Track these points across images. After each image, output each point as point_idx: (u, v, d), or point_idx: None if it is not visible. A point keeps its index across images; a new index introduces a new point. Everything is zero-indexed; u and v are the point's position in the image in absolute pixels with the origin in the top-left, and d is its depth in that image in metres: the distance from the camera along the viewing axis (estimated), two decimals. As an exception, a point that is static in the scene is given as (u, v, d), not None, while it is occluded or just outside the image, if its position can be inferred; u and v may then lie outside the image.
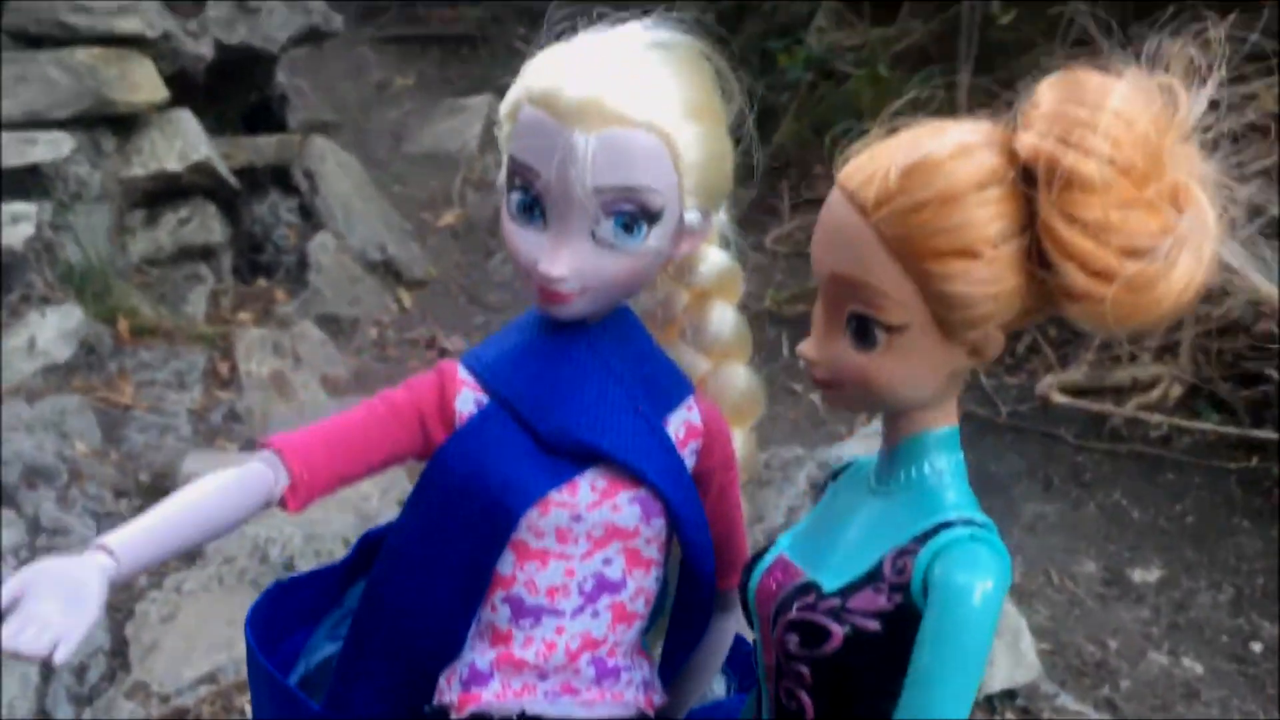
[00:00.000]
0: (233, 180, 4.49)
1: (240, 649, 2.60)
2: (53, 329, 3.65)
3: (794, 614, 1.06)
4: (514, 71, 1.18)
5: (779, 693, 1.09)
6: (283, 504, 1.13)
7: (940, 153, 0.98)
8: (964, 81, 4.45)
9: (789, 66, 5.53)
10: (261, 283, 4.62)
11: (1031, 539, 3.45)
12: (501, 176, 1.16)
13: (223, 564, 2.81)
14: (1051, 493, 3.65)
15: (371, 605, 1.22)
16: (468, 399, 1.19)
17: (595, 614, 1.19)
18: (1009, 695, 2.69)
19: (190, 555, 2.88)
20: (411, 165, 5.64)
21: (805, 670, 1.06)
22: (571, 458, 1.16)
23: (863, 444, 3.11)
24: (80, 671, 2.61)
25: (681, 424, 1.21)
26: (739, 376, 1.29)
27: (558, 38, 1.17)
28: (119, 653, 2.64)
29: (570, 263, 1.11)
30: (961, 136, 1.00)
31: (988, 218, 0.97)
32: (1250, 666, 3.06)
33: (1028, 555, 3.37)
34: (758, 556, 1.15)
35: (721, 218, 1.28)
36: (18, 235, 3.60)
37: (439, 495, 1.18)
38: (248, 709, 2.58)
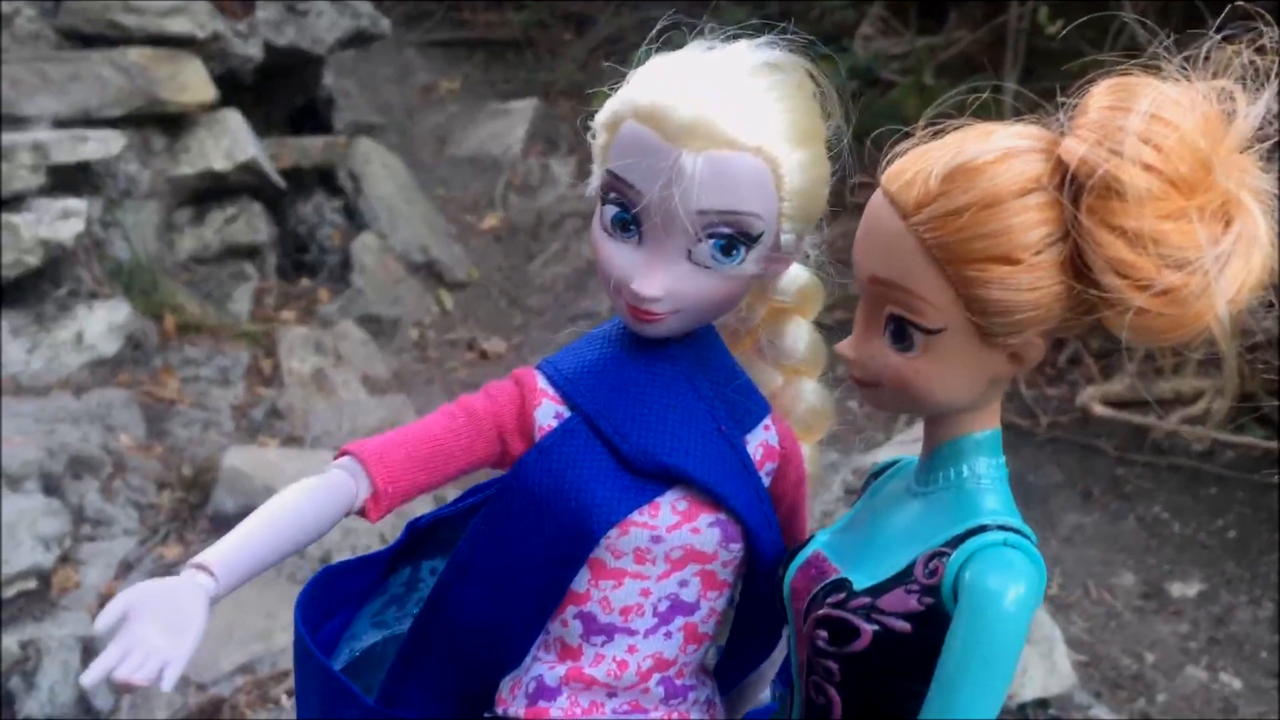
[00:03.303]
0: (279, 180, 4.54)
1: (277, 640, 2.64)
2: (100, 324, 3.71)
3: (824, 610, 1.05)
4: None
5: (808, 688, 1.10)
6: (363, 513, 1.12)
7: (983, 157, 0.97)
8: (1010, 90, 4.42)
9: (833, 74, 5.52)
10: (305, 282, 4.67)
11: (1070, 550, 3.43)
12: (593, 186, 1.14)
13: (261, 557, 2.84)
14: (1091, 504, 3.63)
15: (436, 609, 1.21)
16: (548, 411, 1.17)
17: (669, 635, 1.18)
18: (1042, 704, 2.67)
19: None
20: (455, 168, 5.68)
21: (834, 666, 1.06)
22: (654, 478, 1.14)
23: (899, 451, 3.10)
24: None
25: (759, 444, 1.20)
26: (811, 392, 1.27)
27: (659, 50, 1.15)
28: (158, 642, 2.68)
29: (664, 283, 1.10)
30: (1007, 141, 0.98)
31: (1029, 224, 0.95)
32: (1290, 683, 3.03)
33: (1066, 567, 3.34)
34: (795, 551, 1.15)
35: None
36: (67, 231, 3.65)
37: (518, 509, 1.16)
38: (283, 699, 2.61)
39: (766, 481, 1.20)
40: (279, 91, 5.09)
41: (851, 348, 1.05)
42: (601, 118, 1.14)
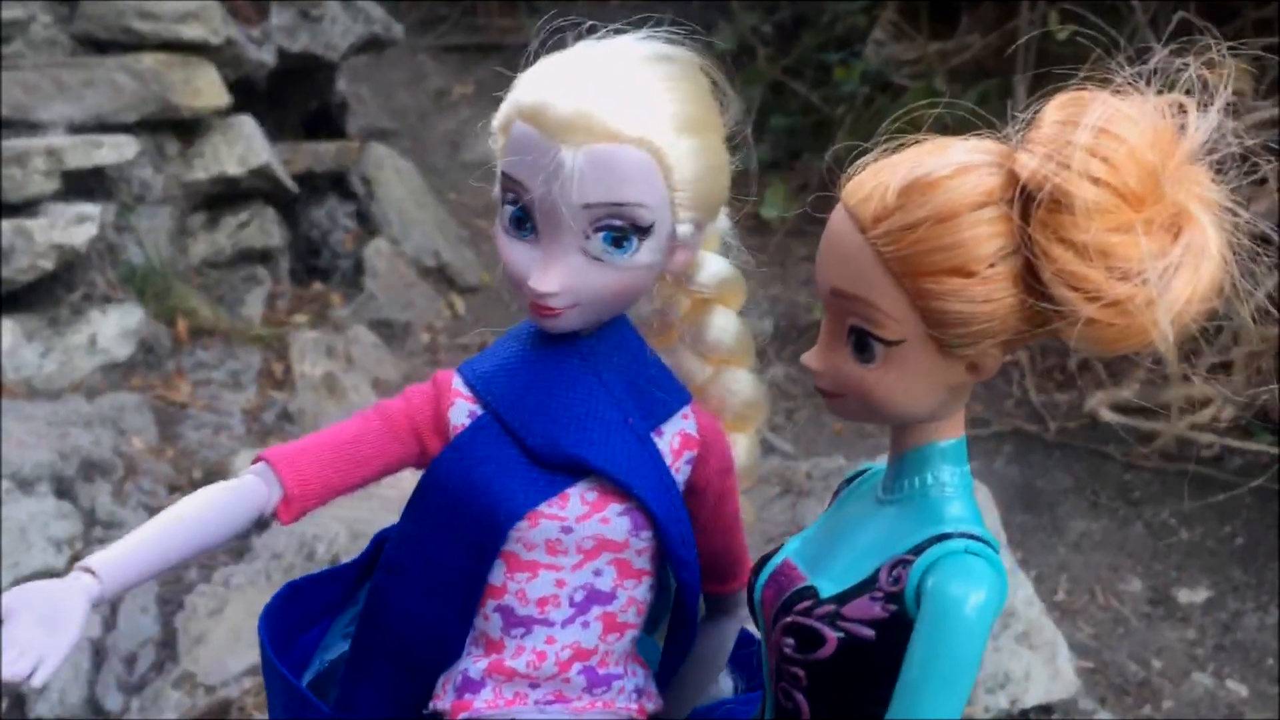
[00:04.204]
0: (292, 185, 4.56)
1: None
2: (113, 328, 3.74)
3: (791, 618, 1.07)
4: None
5: (778, 694, 1.12)
6: (276, 517, 1.15)
7: (938, 172, 0.98)
8: (1021, 95, 4.43)
9: (845, 80, 5.53)
10: (317, 286, 4.69)
11: (1077, 556, 3.43)
12: (497, 189, 1.17)
13: (270, 560, 2.86)
14: (1098, 510, 3.62)
15: (372, 610, 1.23)
16: (461, 410, 1.20)
17: (586, 624, 1.19)
18: (1045, 710, 2.67)
19: (238, 550, 2.94)
20: (467, 173, 5.70)
21: (801, 673, 1.08)
22: (562, 470, 1.16)
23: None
24: (130, 661, 2.67)
25: (676, 434, 1.21)
26: (740, 382, 1.29)
27: (550, 49, 1.17)
28: (168, 644, 2.71)
29: (560, 278, 1.12)
30: (962, 156, 1.00)
31: (983, 237, 0.97)
32: (1297, 690, 3.02)
33: (1073, 572, 3.35)
34: (766, 559, 1.17)
35: (724, 225, 1.28)
36: (81, 235, 3.68)
37: (432, 506, 1.19)
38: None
39: (686, 470, 1.21)
40: (292, 97, 5.12)
41: (816, 359, 1.06)
42: (496, 120, 1.16)
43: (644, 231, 1.11)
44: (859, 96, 5.45)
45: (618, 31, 1.18)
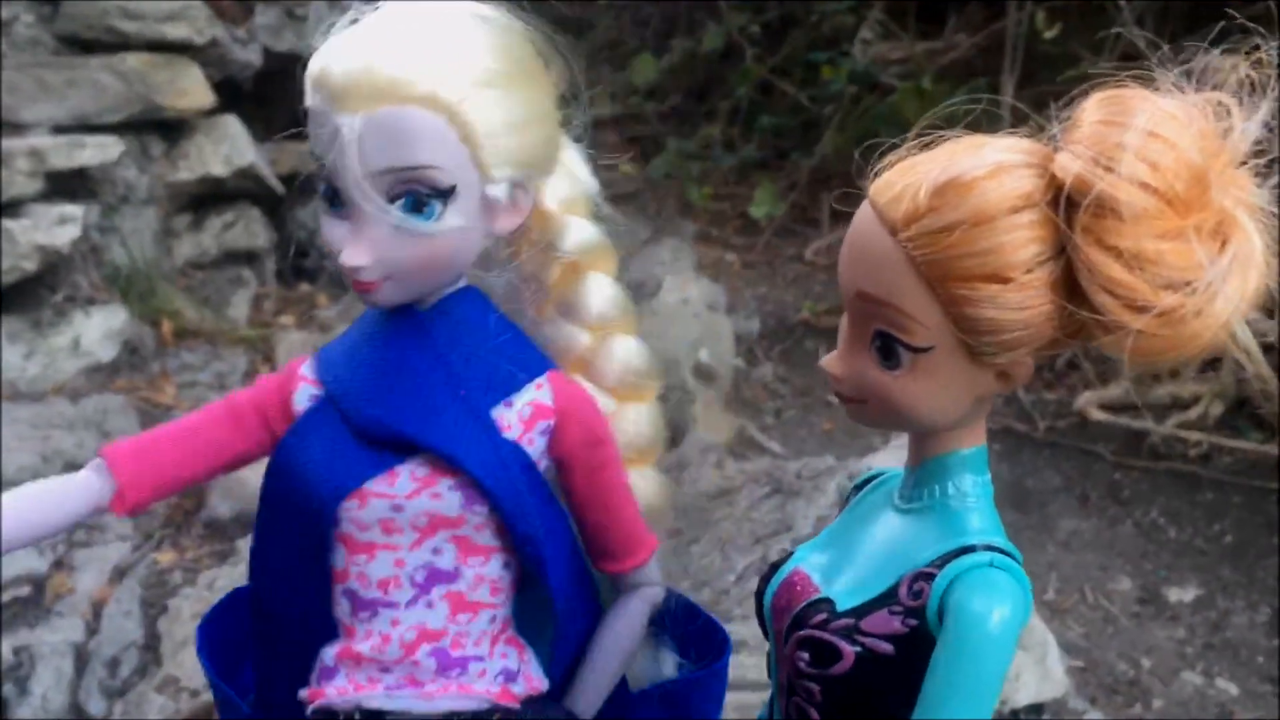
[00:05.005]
0: (278, 186, 4.54)
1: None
2: (97, 329, 3.71)
3: (805, 631, 1.03)
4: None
5: (789, 709, 1.08)
6: (111, 509, 1.14)
7: (974, 172, 0.93)
8: (1008, 95, 4.43)
9: (833, 79, 5.53)
10: (304, 287, 4.67)
11: (1067, 555, 3.42)
12: None
13: (255, 563, 2.84)
14: (1088, 509, 3.62)
15: (254, 604, 1.22)
16: (305, 394, 1.18)
17: (430, 604, 1.16)
18: (1035, 710, 2.66)
19: (223, 553, 2.92)
20: (455, 173, 5.68)
21: (815, 688, 1.04)
22: (390, 448, 1.13)
23: (895, 455, 3.10)
24: (113, 665, 2.65)
25: (527, 403, 1.16)
26: (623, 350, 1.24)
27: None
28: (151, 647, 2.68)
29: (369, 251, 1.08)
30: (999, 155, 0.95)
31: (1020, 242, 0.92)
32: (1287, 689, 3.02)
33: (1062, 572, 3.34)
34: (776, 567, 1.12)
35: (592, 188, 1.24)
36: (64, 236, 3.65)
37: (272, 492, 1.17)
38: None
39: (541, 441, 1.17)
40: (278, 97, 5.09)
41: (837, 364, 1.02)
42: (306, 99, 1.11)
43: (445, 194, 1.07)
44: (847, 96, 5.45)
45: None
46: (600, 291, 1.24)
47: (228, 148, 4.36)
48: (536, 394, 1.17)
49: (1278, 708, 2.95)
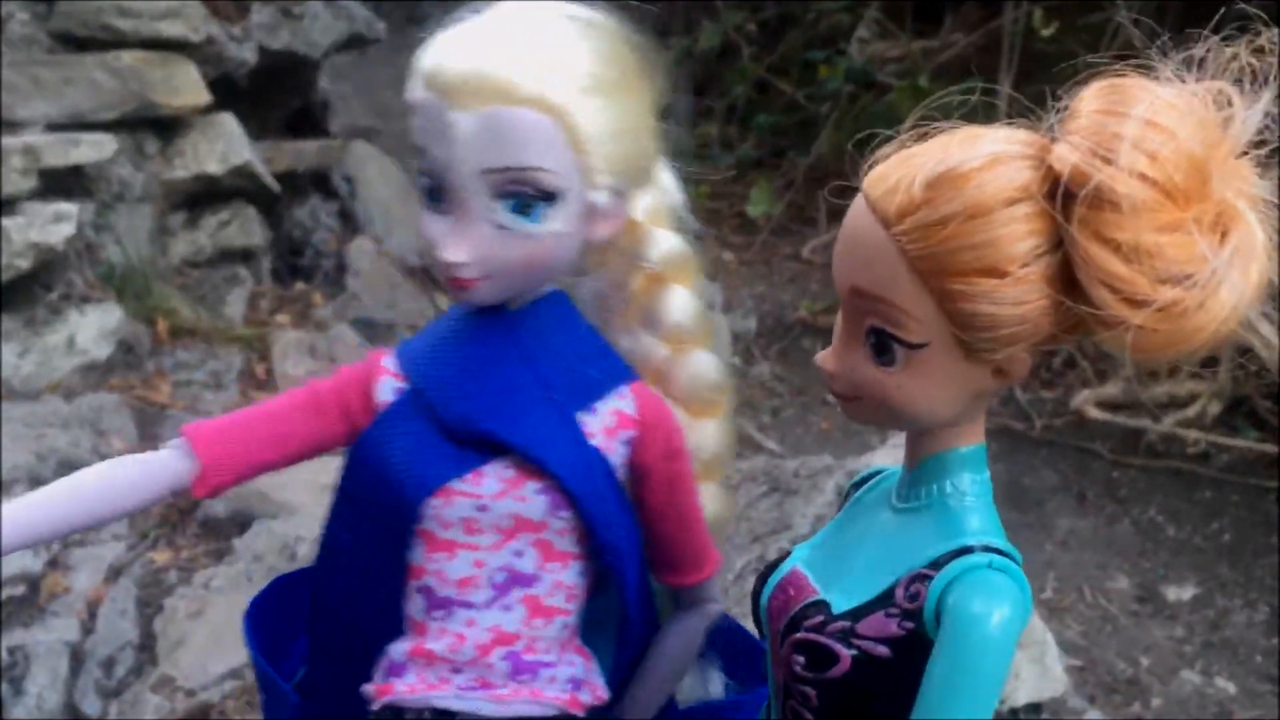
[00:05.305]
0: (273, 184, 4.53)
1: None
2: (92, 328, 3.70)
3: (801, 634, 1.02)
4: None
5: (785, 712, 1.06)
6: (191, 491, 1.13)
7: (969, 164, 0.91)
8: (1005, 93, 4.42)
9: (830, 77, 5.52)
10: (300, 286, 4.66)
11: (1064, 554, 3.42)
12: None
13: (252, 561, 2.83)
14: (1085, 508, 3.62)
15: (317, 592, 1.21)
16: (387, 387, 1.16)
17: (507, 607, 1.15)
18: (1034, 709, 2.66)
19: (219, 552, 2.91)
20: (451, 171, 5.67)
21: (811, 692, 1.02)
22: (477, 447, 1.13)
23: (893, 454, 3.09)
24: (108, 665, 2.64)
25: (611, 412, 1.16)
26: (699, 364, 1.23)
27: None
28: (147, 647, 2.67)
29: (469, 248, 1.07)
30: (995, 147, 0.92)
31: (1017, 235, 0.90)
32: (1285, 687, 3.01)
33: (1060, 570, 3.33)
34: (772, 567, 1.11)
35: (676, 199, 1.24)
36: (59, 234, 3.64)
37: (353, 484, 1.16)
38: (271, 706, 2.60)
39: (624, 451, 1.16)
40: (274, 95, 5.08)
41: (831, 360, 1.00)
42: (408, 95, 1.11)
43: (551, 197, 1.07)
44: (843, 95, 5.44)
45: None
46: (680, 304, 1.24)
47: (223, 146, 4.35)
48: (620, 403, 1.17)
49: (1276, 706, 2.95)
